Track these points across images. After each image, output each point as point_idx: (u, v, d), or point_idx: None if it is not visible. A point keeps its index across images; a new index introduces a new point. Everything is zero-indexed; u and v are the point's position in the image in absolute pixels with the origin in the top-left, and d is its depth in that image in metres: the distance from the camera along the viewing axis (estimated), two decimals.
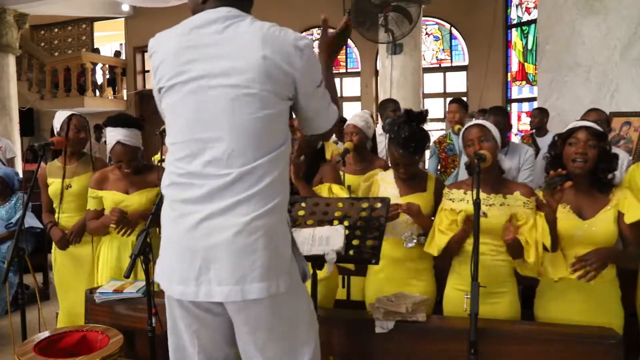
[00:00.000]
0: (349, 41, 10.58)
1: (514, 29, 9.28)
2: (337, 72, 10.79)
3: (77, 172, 2.88)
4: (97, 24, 12.62)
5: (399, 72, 6.96)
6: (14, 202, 4.20)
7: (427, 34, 9.86)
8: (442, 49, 10.05)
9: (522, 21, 9.16)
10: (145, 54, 12.03)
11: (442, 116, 9.77)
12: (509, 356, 1.90)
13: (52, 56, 12.11)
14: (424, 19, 7.95)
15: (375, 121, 3.87)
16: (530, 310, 2.19)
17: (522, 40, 9.16)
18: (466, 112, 4.49)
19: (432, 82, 10.06)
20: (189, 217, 1.37)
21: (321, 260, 1.77)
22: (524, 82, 9.25)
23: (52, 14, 10.73)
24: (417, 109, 2.36)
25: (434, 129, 9.63)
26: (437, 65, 10.09)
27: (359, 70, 10.60)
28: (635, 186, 2.23)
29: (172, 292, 1.43)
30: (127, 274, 1.80)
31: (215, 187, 1.35)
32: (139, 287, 2.33)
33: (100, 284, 2.57)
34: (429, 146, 3.47)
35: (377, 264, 1.85)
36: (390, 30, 6.58)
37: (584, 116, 3.34)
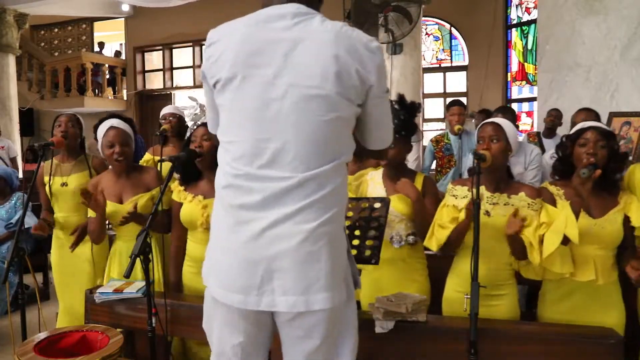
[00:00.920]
0: None
1: (514, 29, 9.28)
2: None
3: (74, 170, 2.87)
4: (97, 24, 12.62)
5: (399, 72, 6.95)
6: (14, 202, 4.20)
7: (427, 34, 9.86)
8: (442, 49, 10.04)
9: (522, 21, 9.16)
10: (145, 54, 12.04)
11: (442, 116, 9.77)
12: (509, 356, 1.90)
13: (52, 56, 12.11)
14: (424, 19, 7.94)
15: None
16: (532, 310, 2.19)
17: (522, 40, 9.16)
18: (466, 114, 4.50)
19: (432, 82, 10.05)
20: (249, 225, 1.31)
21: None
22: (524, 82, 9.25)
23: (52, 14, 10.72)
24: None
25: (434, 129, 9.64)
26: (437, 65, 10.08)
27: None
28: (634, 186, 2.23)
29: (231, 301, 1.36)
30: (127, 274, 1.79)
31: (276, 191, 1.29)
32: (139, 287, 2.33)
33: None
34: (420, 143, 3.47)
35: (377, 263, 1.86)
36: (390, 30, 6.58)
37: (575, 116, 3.35)
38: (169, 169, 2.11)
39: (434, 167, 4.53)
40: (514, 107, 9.31)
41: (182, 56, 11.75)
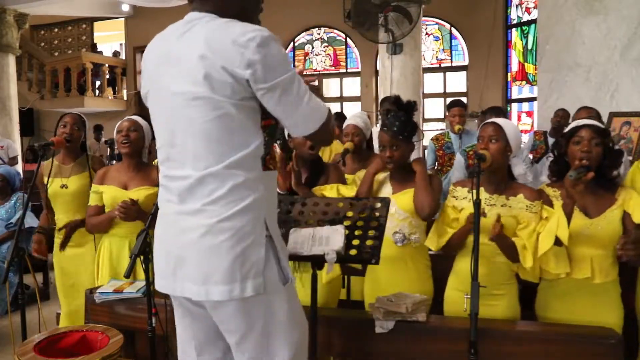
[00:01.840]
0: (349, 41, 10.58)
1: (514, 29, 9.28)
2: (338, 72, 10.81)
3: (74, 172, 2.87)
4: (97, 24, 12.61)
5: (399, 72, 6.95)
6: (13, 201, 4.19)
7: (427, 34, 9.86)
8: (442, 49, 10.04)
9: (522, 21, 9.16)
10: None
11: (442, 116, 9.77)
12: (509, 356, 1.90)
13: (52, 56, 12.10)
14: (424, 19, 7.94)
15: (376, 120, 3.88)
16: (530, 310, 2.19)
17: (522, 40, 9.16)
18: (466, 114, 4.50)
19: (432, 82, 10.05)
20: (166, 216, 1.48)
21: (321, 260, 1.77)
22: (524, 82, 9.25)
23: (52, 14, 10.71)
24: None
25: (434, 129, 9.64)
26: (437, 65, 10.08)
27: (359, 70, 10.59)
28: (637, 184, 2.23)
29: (157, 285, 1.51)
30: (127, 274, 1.80)
31: (184, 188, 1.40)
32: (139, 287, 2.33)
33: (100, 285, 2.57)
34: (421, 143, 3.48)
35: (377, 263, 1.85)
36: (390, 30, 6.58)
37: (576, 115, 3.35)
38: None
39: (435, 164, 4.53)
40: (514, 107, 9.33)
41: None
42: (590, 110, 3.34)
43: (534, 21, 8.40)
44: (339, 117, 4.71)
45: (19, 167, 7.09)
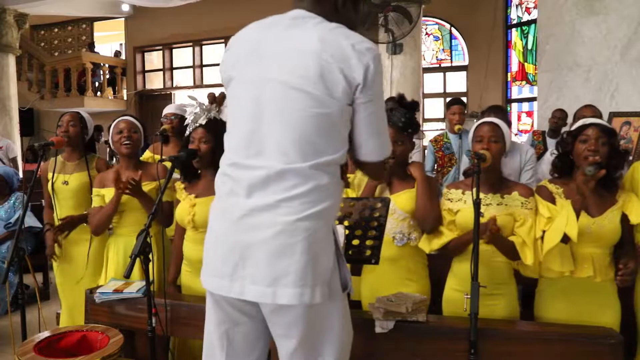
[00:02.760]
0: None
1: (514, 29, 9.28)
2: None
3: (76, 169, 2.88)
4: (97, 24, 12.61)
5: (399, 72, 6.96)
6: (12, 201, 4.20)
7: (427, 34, 9.86)
8: (442, 49, 10.04)
9: (522, 21, 9.16)
10: (145, 54, 12.03)
11: (442, 116, 9.77)
12: (509, 356, 1.90)
13: (52, 56, 12.09)
14: (424, 19, 7.94)
15: None
16: (529, 310, 2.19)
17: (522, 40, 9.16)
18: (466, 113, 4.51)
19: (432, 82, 10.05)
20: (232, 211, 1.36)
21: None
22: (524, 82, 9.25)
23: (52, 14, 10.71)
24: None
25: (434, 129, 9.64)
26: (437, 65, 10.08)
27: None
28: (636, 184, 2.23)
29: (206, 284, 1.41)
30: (127, 274, 1.79)
31: (258, 180, 1.32)
32: (139, 287, 2.33)
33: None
34: (421, 142, 3.47)
35: (377, 263, 1.86)
36: (390, 30, 6.59)
37: (579, 111, 3.35)
38: (169, 169, 2.12)
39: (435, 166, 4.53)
40: (514, 107, 9.34)
41: (182, 56, 11.74)
42: (594, 108, 3.33)
43: (534, 21, 8.40)
44: None
45: (19, 167, 7.09)
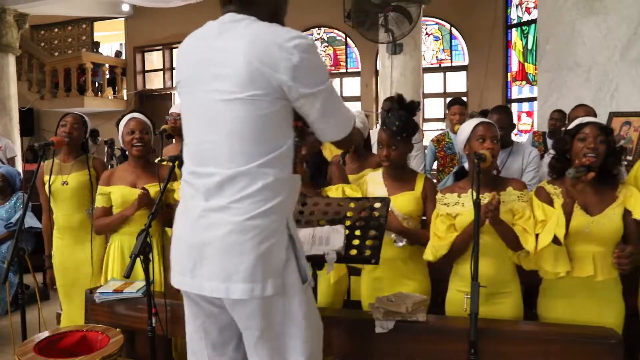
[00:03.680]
0: (350, 41, 10.59)
1: (514, 29, 9.28)
2: (338, 72, 10.81)
3: (74, 169, 2.89)
4: (97, 24, 12.61)
5: (399, 72, 6.96)
6: (13, 201, 4.20)
7: (427, 34, 9.86)
8: (442, 49, 10.05)
9: (522, 21, 9.16)
10: (145, 54, 12.03)
11: (442, 116, 9.77)
12: (509, 356, 1.90)
13: (52, 56, 12.10)
14: (424, 19, 7.94)
15: (376, 120, 3.89)
16: (532, 310, 2.19)
17: (522, 40, 9.16)
18: (466, 113, 4.50)
19: (432, 82, 10.05)
20: (190, 212, 1.45)
21: (321, 260, 1.77)
22: (524, 82, 9.25)
23: (52, 14, 10.71)
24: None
25: (434, 129, 9.64)
26: (437, 65, 10.08)
27: (359, 70, 10.59)
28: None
29: (173, 281, 1.50)
30: (127, 274, 1.80)
31: (213, 185, 1.40)
32: (139, 287, 2.33)
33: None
34: (421, 143, 3.47)
35: (377, 263, 1.86)
36: (390, 30, 6.58)
37: (573, 112, 3.35)
38: (168, 170, 2.12)
39: (435, 166, 4.52)
40: (514, 107, 9.33)
41: None
42: (588, 108, 3.34)
43: (534, 21, 8.40)
44: None
45: (19, 167, 7.10)
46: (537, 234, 2.00)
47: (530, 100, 8.96)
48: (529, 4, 9.03)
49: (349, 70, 10.75)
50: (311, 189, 2.31)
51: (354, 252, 1.85)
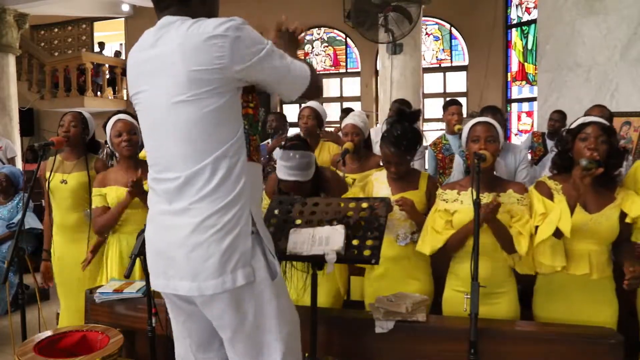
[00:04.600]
0: (349, 41, 10.59)
1: (514, 29, 9.29)
2: (337, 72, 10.82)
3: (75, 169, 2.88)
4: (97, 24, 12.62)
5: (399, 72, 6.96)
6: (16, 202, 4.20)
7: (427, 34, 9.87)
8: (442, 49, 10.05)
9: (522, 21, 9.16)
10: None
11: (441, 116, 9.76)
12: (509, 356, 1.90)
13: (52, 56, 12.09)
14: (424, 19, 7.94)
15: (376, 120, 3.89)
16: (528, 310, 2.19)
17: (522, 40, 9.16)
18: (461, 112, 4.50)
19: (432, 82, 10.06)
20: (155, 217, 1.52)
21: (321, 260, 1.77)
22: (524, 82, 9.25)
23: (52, 14, 10.73)
24: (416, 108, 2.38)
25: (434, 129, 9.64)
26: (437, 65, 10.09)
27: (359, 70, 10.60)
28: (638, 184, 2.23)
29: (152, 284, 1.55)
30: (127, 274, 1.80)
31: (171, 190, 1.44)
32: (139, 287, 2.33)
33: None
34: (423, 146, 3.48)
35: (377, 263, 1.85)
36: (390, 30, 6.59)
37: (588, 112, 3.34)
38: None
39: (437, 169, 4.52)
40: (514, 107, 9.34)
41: None
42: (603, 109, 3.33)
43: (534, 21, 8.40)
44: (347, 112, 4.73)
45: (19, 167, 7.09)
46: (536, 226, 2.00)
47: (530, 100, 8.97)
48: (529, 4, 9.03)
49: (349, 70, 10.75)
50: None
51: (354, 252, 1.84)
